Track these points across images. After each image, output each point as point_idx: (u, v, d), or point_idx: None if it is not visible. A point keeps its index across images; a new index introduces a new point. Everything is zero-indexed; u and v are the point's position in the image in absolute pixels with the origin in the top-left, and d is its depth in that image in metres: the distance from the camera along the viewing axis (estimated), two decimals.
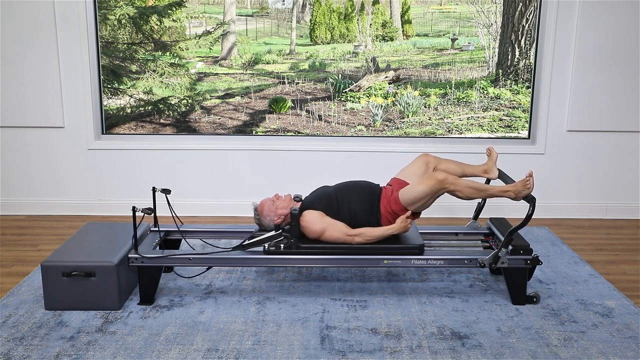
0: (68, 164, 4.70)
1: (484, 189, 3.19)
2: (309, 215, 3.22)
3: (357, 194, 3.31)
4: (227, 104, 4.75)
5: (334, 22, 4.70)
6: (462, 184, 3.14)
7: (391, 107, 4.75)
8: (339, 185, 3.41)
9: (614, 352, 2.79)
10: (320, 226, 3.19)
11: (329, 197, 3.31)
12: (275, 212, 3.28)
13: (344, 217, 3.25)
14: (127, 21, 4.59)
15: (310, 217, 3.21)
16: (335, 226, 3.20)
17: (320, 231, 3.19)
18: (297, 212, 3.21)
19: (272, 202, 3.32)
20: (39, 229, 4.45)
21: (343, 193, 3.32)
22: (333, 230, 3.19)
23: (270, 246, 3.20)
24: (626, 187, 4.75)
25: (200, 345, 2.82)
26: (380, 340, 2.87)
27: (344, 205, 3.27)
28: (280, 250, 3.20)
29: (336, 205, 3.27)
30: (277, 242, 3.20)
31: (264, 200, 3.36)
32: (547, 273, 3.66)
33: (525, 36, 4.61)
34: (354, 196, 3.30)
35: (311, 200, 3.32)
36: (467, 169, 3.51)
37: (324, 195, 3.33)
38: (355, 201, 3.27)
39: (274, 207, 3.29)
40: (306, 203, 3.31)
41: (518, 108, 4.73)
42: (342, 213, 3.26)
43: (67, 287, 3.09)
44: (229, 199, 4.76)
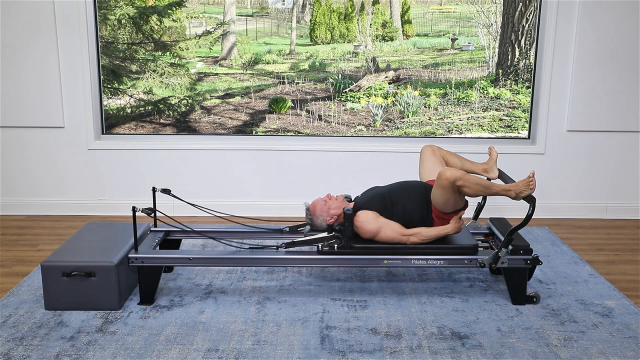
0: (68, 164, 4.70)
1: (489, 186, 3.17)
2: (363, 215, 3.21)
3: (411, 194, 3.30)
4: (227, 104, 4.75)
5: (334, 22, 4.70)
6: (471, 179, 3.09)
7: (391, 107, 4.75)
8: (392, 185, 3.40)
9: (614, 352, 2.79)
10: (375, 226, 3.18)
11: (382, 197, 3.30)
12: (328, 212, 3.28)
13: (398, 217, 3.24)
14: (127, 21, 4.59)
15: (365, 217, 3.21)
16: (390, 226, 3.19)
17: (375, 231, 3.18)
18: (350, 212, 3.20)
19: (324, 202, 3.31)
20: (39, 229, 4.45)
21: (397, 193, 3.31)
22: (388, 230, 3.18)
23: (324, 246, 3.21)
24: (626, 187, 4.75)
25: (200, 345, 2.82)
26: (380, 340, 2.87)
27: (398, 206, 3.26)
28: (334, 250, 3.20)
29: (390, 206, 3.26)
30: (330, 243, 3.21)
31: (316, 201, 3.34)
32: (547, 273, 3.66)
33: (525, 36, 4.61)
34: (407, 196, 3.29)
35: (365, 200, 3.32)
36: (468, 164, 3.52)
37: (377, 195, 3.32)
38: (410, 201, 3.27)
39: (327, 207, 3.29)
40: (360, 203, 3.30)
41: (518, 108, 4.73)
42: (396, 213, 3.25)
43: (67, 287, 3.09)
44: (229, 199, 4.76)
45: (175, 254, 3.29)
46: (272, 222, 3.94)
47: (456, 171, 3.07)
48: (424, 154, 3.53)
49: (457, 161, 3.51)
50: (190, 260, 3.20)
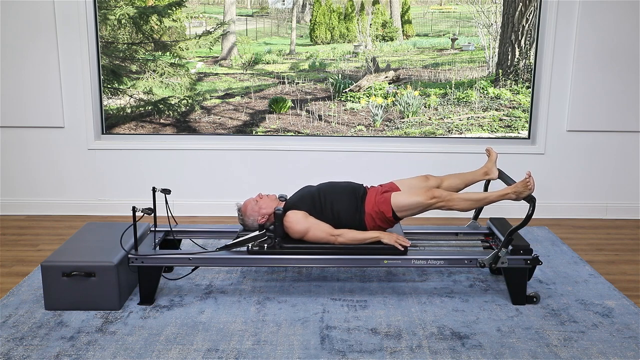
0: (68, 164, 4.70)
1: (482, 198, 3.21)
2: (292, 215, 3.22)
3: (340, 193, 3.32)
4: (227, 104, 4.75)
5: (334, 22, 4.70)
6: (457, 198, 3.17)
7: (391, 107, 4.75)
8: (322, 185, 3.42)
9: (614, 352, 2.79)
10: (304, 226, 3.19)
11: (312, 196, 3.31)
12: (259, 212, 3.29)
13: (327, 216, 3.26)
14: (127, 21, 4.59)
15: (294, 217, 3.21)
16: (318, 226, 3.20)
17: (303, 231, 3.19)
18: (280, 212, 3.21)
19: (255, 202, 3.33)
20: (39, 229, 4.45)
21: (326, 193, 3.32)
22: (316, 230, 3.19)
23: (254, 246, 3.20)
24: (626, 187, 4.75)
25: (200, 345, 2.82)
26: (380, 340, 2.87)
27: (327, 205, 3.27)
28: (264, 250, 3.20)
29: (319, 205, 3.27)
30: (260, 242, 3.20)
31: (247, 200, 3.37)
32: (547, 273, 3.66)
33: (525, 36, 4.61)
34: (337, 196, 3.30)
35: (295, 200, 3.33)
36: (469, 177, 3.52)
37: (308, 195, 3.33)
38: (339, 201, 3.28)
39: (257, 207, 3.30)
40: (290, 203, 3.32)
41: (518, 108, 4.73)
42: (325, 213, 3.26)
43: (67, 287, 3.09)
44: (229, 199, 4.76)
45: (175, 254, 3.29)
46: None
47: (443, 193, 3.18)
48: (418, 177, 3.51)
49: (458, 181, 3.49)
50: (190, 260, 3.20)
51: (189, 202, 4.72)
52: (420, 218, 4.09)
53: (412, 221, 4.30)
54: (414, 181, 3.44)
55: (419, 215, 3.35)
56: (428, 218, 4.48)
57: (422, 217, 3.84)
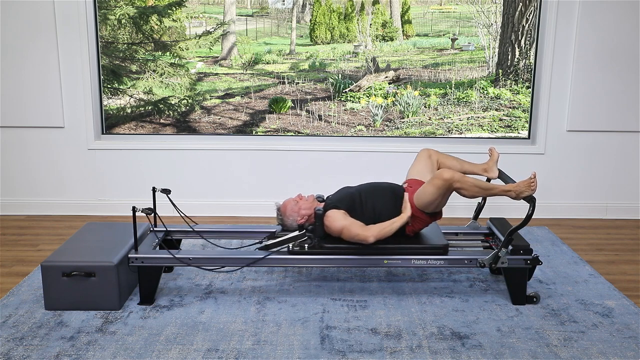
0: (68, 164, 4.70)
1: (488, 187, 3.18)
2: (332, 214, 3.22)
3: (381, 194, 3.31)
4: (227, 104, 4.75)
5: (334, 22, 4.70)
6: (468, 182, 3.11)
7: (391, 107, 4.75)
8: (362, 185, 3.41)
9: (614, 352, 2.79)
10: (342, 223, 3.17)
11: (352, 197, 3.30)
12: (299, 212, 3.29)
13: (368, 217, 3.24)
14: (127, 21, 4.59)
15: (333, 215, 3.21)
16: (354, 224, 3.18)
17: (340, 228, 3.17)
18: (321, 212, 3.21)
19: (295, 202, 3.32)
20: (39, 229, 4.45)
21: (367, 193, 3.32)
22: (352, 228, 3.16)
23: (295, 246, 3.21)
24: (626, 187, 4.75)
25: (200, 345, 2.82)
26: (380, 340, 2.87)
27: (367, 206, 3.27)
28: (305, 250, 3.20)
29: (360, 206, 3.27)
30: (301, 242, 3.21)
31: (287, 201, 3.36)
32: (547, 273, 3.66)
33: (525, 36, 4.61)
34: (378, 197, 3.30)
35: (334, 200, 3.32)
36: (467, 166, 3.52)
37: (347, 195, 3.33)
38: (380, 201, 3.27)
39: (297, 207, 3.30)
40: (330, 203, 3.31)
41: (518, 108, 4.73)
42: (366, 213, 3.25)
43: (67, 287, 3.09)
44: (229, 199, 4.77)
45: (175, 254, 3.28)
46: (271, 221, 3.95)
47: (455, 173, 3.09)
48: (419, 156, 3.54)
49: (456, 163, 3.51)
50: (191, 260, 3.20)
51: (189, 202, 4.72)
52: None
53: None
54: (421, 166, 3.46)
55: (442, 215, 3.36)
56: None
57: None
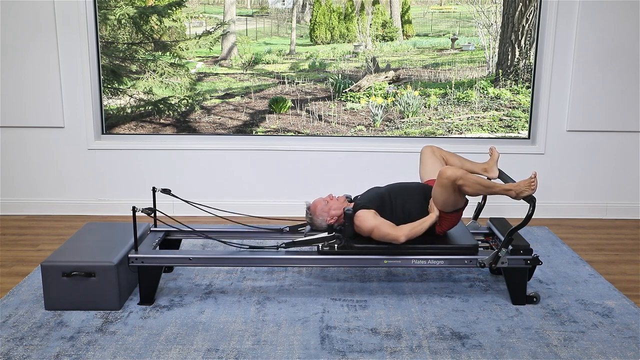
0: (68, 164, 4.70)
1: (489, 185, 3.17)
2: (362, 213, 3.21)
3: (411, 194, 3.31)
4: (227, 104, 4.75)
5: (334, 22, 4.70)
6: (471, 179, 3.10)
7: (391, 107, 4.75)
8: (391, 185, 3.41)
9: (614, 352, 2.79)
10: (373, 223, 3.17)
11: (381, 197, 3.30)
12: (329, 213, 3.28)
13: (397, 217, 3.24)
14: (127, 21, 4.59)
15: (363, 215, 3.20)
16: (385, 224, 3.18)
17: (371, 228, 3.17)
18: (351, 212, 3.21)
19: (325, 203, 3.31)
20: (39, 229, 4.45)
21: (396, 193, 3.31)
22: (383, 228, 3.15)
23: (324, 246, 3.21)
24: (626, 187, 4.75)
25: (200, 345, 2.82)
26: (380, 340, 2.87)
27: (397, 206, 3.27)
28: (335, 250, 3.20)
29: (389, 206, 3.27)
30: (330, 243, 3.21)
31: (317, 200, 3.35)
32: (547, 273, 3.66)
33: (525, 36, 4.61)
34: (407, 197, 3.30)
35: (364, 200, 3.31)
36: (467, 164, 3.52)
37: (377, 195, 3.32)
38: (409, 201, 3.27)
39: (327, 208, 3.29)
40: (359, 203, 3.31)
41: (518, 108, 4.73)
42: (396, 213, 3.25)
43: (67, 287, 3.09)
44: (229, 199, 4.76)
45: (175, 254, 3.28)
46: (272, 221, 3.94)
47: (457, 170, 3.08)
48: (424, 155, 3.54)
49: (457, 161, 3.52)
50: (190, 260, 3.20)
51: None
52: None
53: None
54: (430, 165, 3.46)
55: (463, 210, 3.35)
56: None
57: None
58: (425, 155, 3.53)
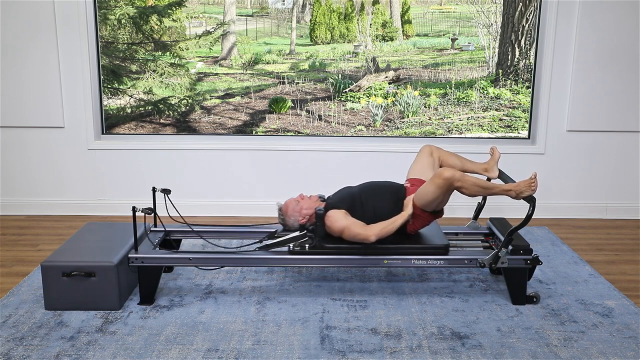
0: (68, 164, 4.70)
1: (488, 186, 3.17)
2: (333, 214, 3.21)
3: (382, 194, 3.30)
4: (227, 104, 4.75)
5: (334, 22, 4.70)
6: (469, 180, 3.10)
7: (391, 107, 4.75)
8: (363, 185, 3.40)
9: (614, 352, 2.79)
10: (343, 223, 3.16)
11: (352, 197, 3.30)
12: (300, 212, 3.28)
13: (368, 216, 3.23)
14: (127, 21, 4.59)
15: (334, 216, 3.20)
16: (355, 224, 3.17)
17: (342, 228, 3.16)
18: (322, 212, 3.21)
19: (296, 202, 3.31)
20: (39, 229, 4.45)
21: (368, 193, 3.31)
22: (353, 228, 3.15)
23: (296, 246, 3.21)
24: (626, 187, 4.75)
25: (200, 345, 2.82)
26: (380, 340, 2.87)
27: (368, 206, 3.26)
28: (306, 250, 3.20)
29: (360, 206, 3.26)
30: (302, 242, 3.21)
31: (288, 201, 3.35)
32: (547, 273, 3.66)
33: (525, 36, 4.61)
34: (378, 196, 3.29)
35: (335, 200, 3.31)
36: (468, 164, 3.51)
37: (348, 195, 3.32)
38: (381, 201, 3.26)
39: (299, 207, 3.29)
40: (330, 203, 3.30)
41: (518, 108, 4.73)
42: (366, 213, 3.25)
43: (67, 287, 3.09)
44: (229, 199, 4.76)
45: (175, 254, 3.29)
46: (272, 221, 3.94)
47: (455, 172, 3.07)
48: (421, 153, 3.52)
49: (457, 161, 3.50)
50: (190, 260, 3.20)
51: (189, 202, 4.72)
52: None
53: None
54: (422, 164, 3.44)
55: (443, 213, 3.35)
56: None
57: None
58: (422, 154, 3.51)
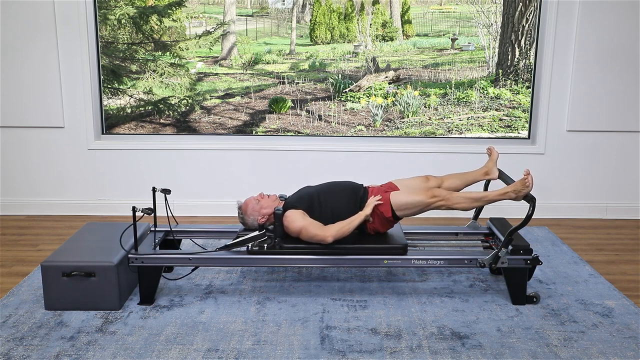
0: (68, 164, 4.70)
1: (481, 197, 3.21)
2: (290, 214, 3.21)
3: (340, 194, 3.30)
4: (227, 104, 4.75)
5: (334, 22, 4.70)
6: (456, 196, 3.16)
7: (391, 107, 4.75)
8: (322, 185, 3.40)
9: (614, 352, 2.79)
10: (300, 224, 3.16)
11: (310, 197, 3.30)
12: (260, 212, 3.28)
13: (326, 217, 3.23)
14: (127, 21, 4.59)
15: (291, 216, 3.20)
16: (312, 225, 3.17)
17: (299, 229, 3.16)
18: (280, 212, 3.21)
19: (256, 202, 3.31)
20: (39, 229, 4.45)
21: (325, 193, 3.31)
22: (311, 229, 3.15)
23: (254, 246, 3.20)
24: (626, 187, 4.75)
25: (200, 345, 2.82)
26: (380, 340, 2.87)
27: (326, 206, 3.26)
28: (264, 250, 3.19)
29: (318, 206, 3.26)
30: (260, 242, 3.20)
31: (248, 199, 3.36)
32: (547, 273, 3.66)
33: (525, 36, 4.61)
34: (336, 196, 3.29)
35: (293, 200, 3.32)
36: (469, 177, 3.51)
37: (306, 195, 3.32)
38: (338, 201, 3.27)
39: (259, 207, 3.29)
40: (289, 203, 3.31)
41: (518, 108, 4.73)
42: (324, 213, 3.25)
43: (67, 287, 3.09)
44: (229, 199, 4.76)
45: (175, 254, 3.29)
46: None
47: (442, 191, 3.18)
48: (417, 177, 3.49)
49: (458, 181, 3.48)
50: (190, 260, 3.20)
51: (189, 202, 4.72)
52: (420, 218, 4.09)
53: (412, 221, 4.30)
54: (414, 182, 3.42)
55: (419, 215, 3.34)
56: (428, 218, 4.48)
57: (422, 217, 3.84)
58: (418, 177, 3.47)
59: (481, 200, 3.22)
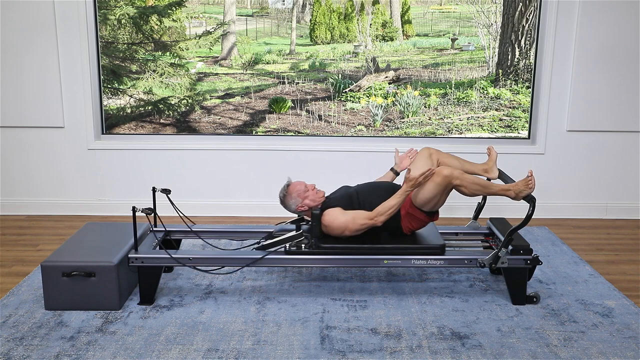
0: (68, 164, 4.70)
1: (487, 185, 3.18)
2: (330, 213, 3.20)
3: (379, 193, 3.29)
4: (227, 104, 4.75)
5: (334, 22, 4.70)
6: (468, 179, 3.11)
7: (391, 107, 4.75)
8: (361, 185, 3.40)
9: (614, 352, 2.79)
10: (344, 219, 3.15)
11: (350, 197, 3.30)
12: (303, 200, 3.26)
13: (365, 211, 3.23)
14: (127, 21, 4.59)
15: (332, 214, 3.19)
16: (357, 215, 3.17)
17: (344, 223, 3.15)
18: (318, 213, 3.20)
19: (305, 189, 3.27)
20: (39, 229, 4.45)
21: (365, 193, 3.31)
22: (358, 219, 3.14)
23: (292, 246, 3.20)
24: (626, 187, 4.75)
25: (200, 345, 2.82)
26: (380, 340, 2.87)
27: (365, 206, 3.25)
28: (302, 250, 3.19)
29: (357, 206, 3.26)
30: (298, 242, 3.19)
31: (298, 182, 3.31)
32: (547, 273, 3.66)
33: (525, 36, 4.61)
34: (375, 195, 3.28)
35: (332, 200, 3.31)
36: (467, 166, 3.51)
37: (345, 195, 3.32)
38: (377, 200, 3.25)
39: (305, 195, 3.26)
40: (327, 203, 3.29)
41: (518, 108, 4.73)
42: (363, 209, 3.24)
43: (67, 287, 3.09)
44: (229, 199, 4.76)
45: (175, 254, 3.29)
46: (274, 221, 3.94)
47: (454, 170, 3.09)
48: (419, 154, 3.52)
49: (457, 162, 3.50)
50: (190, 260, 3.20)
51: (189, 202, 4.72)
52: None
53: None
54: (420, 164, 3.41)
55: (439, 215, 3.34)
56: None
57: None
58: (421, 156, 3.50)
59: (486, 188, 3.17)
